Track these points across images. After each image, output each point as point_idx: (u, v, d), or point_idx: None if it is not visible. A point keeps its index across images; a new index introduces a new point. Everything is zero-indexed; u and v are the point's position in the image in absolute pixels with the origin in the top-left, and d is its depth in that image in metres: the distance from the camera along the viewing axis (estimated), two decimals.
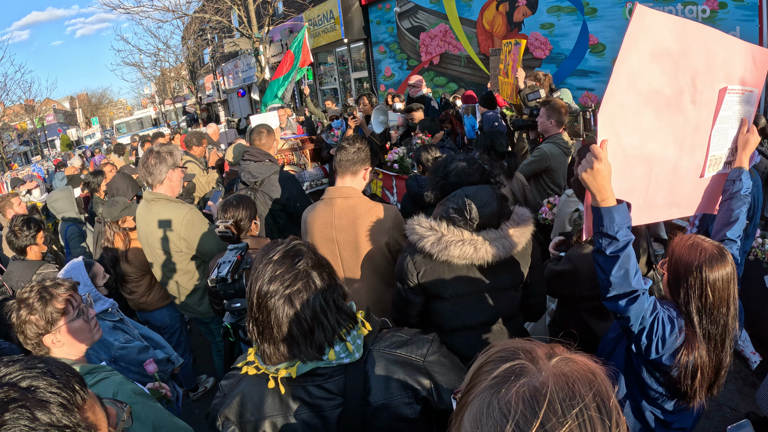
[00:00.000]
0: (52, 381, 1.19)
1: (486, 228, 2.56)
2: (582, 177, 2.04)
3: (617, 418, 0.81)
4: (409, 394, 1.59)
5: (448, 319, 2.72)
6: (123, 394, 2.20)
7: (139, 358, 3.21)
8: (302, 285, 1.54)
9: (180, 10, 20.43)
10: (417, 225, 2.62)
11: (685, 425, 2.44)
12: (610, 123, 2.14)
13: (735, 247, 2.47)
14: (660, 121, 2.29)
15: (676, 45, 2.22)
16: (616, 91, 2.13)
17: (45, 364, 1.23)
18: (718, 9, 8.38)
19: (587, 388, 0.81)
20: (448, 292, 2.66)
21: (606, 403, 0.81)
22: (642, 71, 2.17)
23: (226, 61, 32.22)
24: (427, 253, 2.56)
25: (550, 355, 0.89)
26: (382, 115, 7.70)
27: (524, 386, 0.82)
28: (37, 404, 1.14)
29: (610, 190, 2.03)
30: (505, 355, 0.91)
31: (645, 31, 2.13)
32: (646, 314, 2.14)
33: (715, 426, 4.10)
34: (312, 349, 1.54)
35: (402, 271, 2.70)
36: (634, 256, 2.11)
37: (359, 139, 3.28)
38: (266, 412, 1.58)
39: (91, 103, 67.83)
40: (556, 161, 5.07)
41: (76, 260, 3.36)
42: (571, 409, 0.78)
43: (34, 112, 45.63)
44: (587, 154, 2.03)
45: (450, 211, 2.58)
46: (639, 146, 2.28)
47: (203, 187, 6.98)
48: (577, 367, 0.86)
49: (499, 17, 12.73)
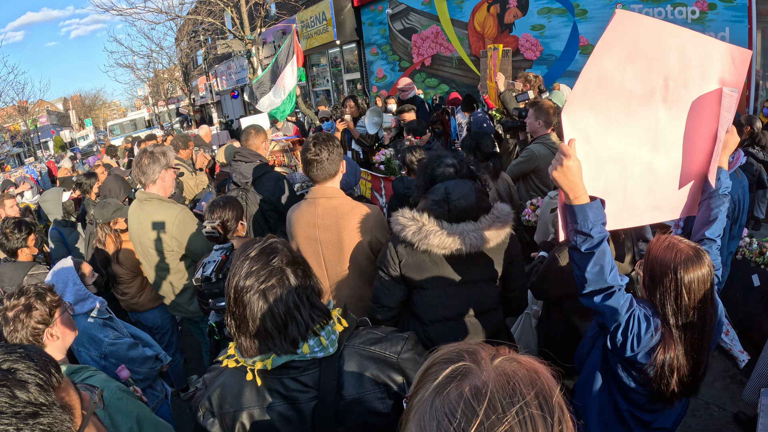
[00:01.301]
0: (30, 364, 1.27)
1: (465, 220, 2.64)
2: (553, 176, 2.05)
3: (560, 416, 0.82)
4: (382, 389, 1.63)
5: (429, 310, 2.79)
6: (108, 390, 2.29)
7: (128, 354, 3.26)
8: (276, 281, 1.58)
9: (173, 11, 20.46)
10: (400, 216, 2.70)
11: (666, 425, 2.45)
12: (577, 122, 2.17)
13: (715, 247, 2.47)
14: (631, 120, 2.32)
15: (651, 47, 2.24)
16: (584, 92, 2.16)
17: (24, 350, 1.31)
18: (708, 10, 8.46)
19: (529, 387, 0.82)
20: (428, 283, 2.73)
21: (548, 401, 0.82)
22: (616, 73, 2.19)
23: (219, 63, 32.23)
24: (409, 242, 2.65)
25: (493, 356, 0.90)
26: (377, 116, 7.71)
27: (466, 386, 0.83)
28: (16, 384, 1.22)
29: (582, 187, 2.05)
30: (449, 357, 0.92)
31: (623, 34, 2.15)
32: (621, 311, 2.15)
33: (703, 425, 4.12)
34: (286, 342, 1.58)
35: (385, 260, 2.78)
36: (609, 252, 2.12)
37: (322, 143, 3.17)
38: (244, 404, 1.63)
39: (85, 104, 67.68)
40: (544, 162, 5.10)
41: (65, 260, 3.38)
42: (511, 406, 0.79)
43: (27, 113, 45.40)
44: (557, 153, 2.05)
45: (430, 202, 2.66)
46: (610, 145, 2.30)
47: (191, 189, 6.97)
48: (519, 366, 0.87)
49: (490, 19, 12.80)
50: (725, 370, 4.70)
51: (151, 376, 3.37)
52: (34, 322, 2.44)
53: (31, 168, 23.37)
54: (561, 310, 3.22)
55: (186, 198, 6.79)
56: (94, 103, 70.96)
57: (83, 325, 3.24)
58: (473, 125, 7.33)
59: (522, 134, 6.23)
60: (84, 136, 46.03)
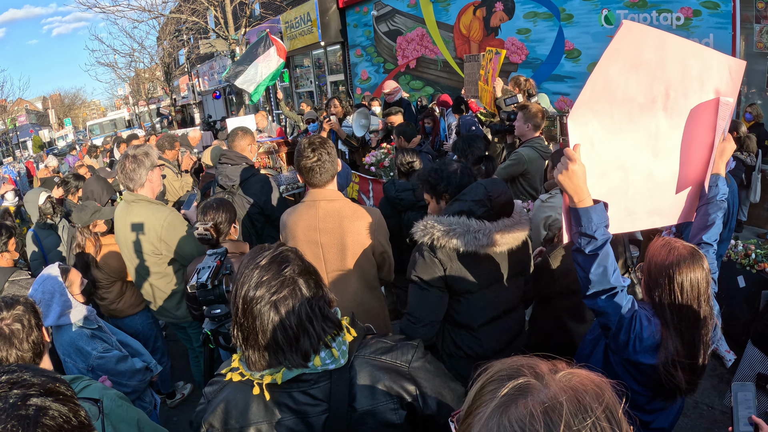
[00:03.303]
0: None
1: (502, 216, 2.67)
2: (558, 179, 2.10)
3: (627, 429, 0.83)
4: (395, 400, 1.59)
5: (477, 313, 2.78)
6: (108, 398, 2.27)
7: (116, 368, 3.16)
8: (288, 292, 1.52)
9: (156, 10, 20.29)
10: (436, 223, 2.65)
11: (663, 425, 2.48)
12: (582, 128, 2.22)
13: (711, 251, 2.52)
14: (633, 126, 2.37)
15: (654, 56, 2.29)
16: (590, 99, 2.20)
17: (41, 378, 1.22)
18: (693, 17, 8.58)
19: (596, 401, 0.82)
20: (476, 285, 2.71)
21: (615, 415, 0.82)
22: (620, 81, 2.24)
23: (201, 63, 31.98)
24: (453, 248, 2.60)
25: (554, 371, 0.89)
26: (364, 118, 7.69)
27: (535, 403, 0.81)
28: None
29: (586, 190, 2.09)
30: (508, 373, 0.90)
31: (628, 44, 2.19)
32: (624, 311, 2.21)
33: (692, 423, 4.18)
34: (297, 356, 1.53)
35: (423, 272, 2.68)
36: (612, 253, 2.17)
37: (320, 147, 3.13)
38: (251, 419, 1.57)
39: (64, 103, 66.70)
40: (533, 165, 5.11)
41: (51, 268, 3.26)
42: (584, 422, 0.79)
43: (5, 112, 44.71)
44: (562, 157, 2.10)
45: (470, 203, 2.65)
46: (614, 151, 2.35)
47: (176, 192, 6.86)
48: (583, 380, 0.86)
49: (476, 22, 12.84)
50: (712, 369, 4.78)
51: (141, 388, 3.28)
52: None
53: (10, 168, 22.96)
54: (552, 310, 3.28)
55: (169, 201, 6.68)
56: (74, 102, 69.96)
57: (71, 336, 3.15)
58: (462, 128, 7.33)
59: (510, 138, 6.24)
60: (63, 135, 45.41)
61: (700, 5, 8.46)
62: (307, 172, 3.12)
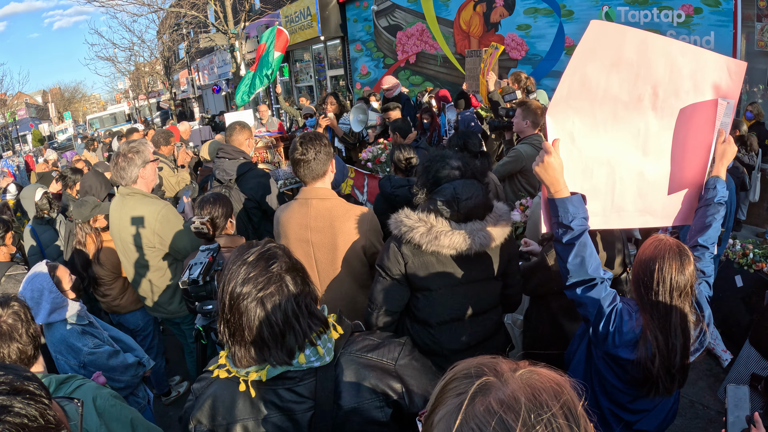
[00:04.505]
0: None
1: (472, 219, 2.64)
2: (535, 171, 2.22)
3: (585, 426, 0.84)
4: (380, 398, 1.59)
5: (436, 311, 2.76)
6: (101, 398, 2.29)
7: (108, 363, 3.14)
8: (275, 288, 1.52)
9: (156, 4, 20.22)
10: (404, 218, 2.67)
11: (649, 428, 2.48)
12: (561, 124, 2.32)
13: (707, 254, 2.48)
14: (618, 124, 2.41)
15: (636, 56, 2.34)
16: (568, 96, 2.28)
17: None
18: (693, 14, 8.54)
19: (554, 398, 0.83)
20: (436, 284, 2.71)
21: (573, 412, 0.83)
22: (600, 79, 2.30)
23: (201, 57, 31.91)
24: (416, 244, 2.62)
25: (514, 369, 0.90)
26: (362, 114, 7.66)
27: (494, 400, 0.83)
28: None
29: (563, 182, 2.19)
30: (470, 372, 0.91)
31: (605, 43, 2.26)
32: (603, 303, 2.25)
33: (688, 423, 4.17)
34: (282, 353, 1.53)
35: (387, 262, 2.73)
36: (590, 245, 2.23)
37: (309, 143, 3.11)
38: (237, 416, 1.57)
39: (64, 97, 66.52)
40: (531, 162, 5.08)
41: (39, 266, 3.20)
42: (539, 418, 0.80)
43: (5, 106, 44.63)
44: (540, 150, 2.18)
45: (438, 203, 2.64)
46: (597, 147, 2.41)
47: (173, 187, 6.82)
48: (542, 378, 0.88)
49: (476, 17, 12.80)
50: (708, 369, 4.78)
51: (133, 383, 3.27)
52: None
53: (9, 162, 22.94)
54: (547, 308, 3.27)
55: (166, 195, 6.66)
56: (74, 96, 69.83)
57: (61, 333, 3.13)
58: (461, 124, 7.32)
59: (508, 134, 6.23)
60: (63, 129, 45.33)
61: (701, 3, 8.42)
62: (294, 165, 3.13)
